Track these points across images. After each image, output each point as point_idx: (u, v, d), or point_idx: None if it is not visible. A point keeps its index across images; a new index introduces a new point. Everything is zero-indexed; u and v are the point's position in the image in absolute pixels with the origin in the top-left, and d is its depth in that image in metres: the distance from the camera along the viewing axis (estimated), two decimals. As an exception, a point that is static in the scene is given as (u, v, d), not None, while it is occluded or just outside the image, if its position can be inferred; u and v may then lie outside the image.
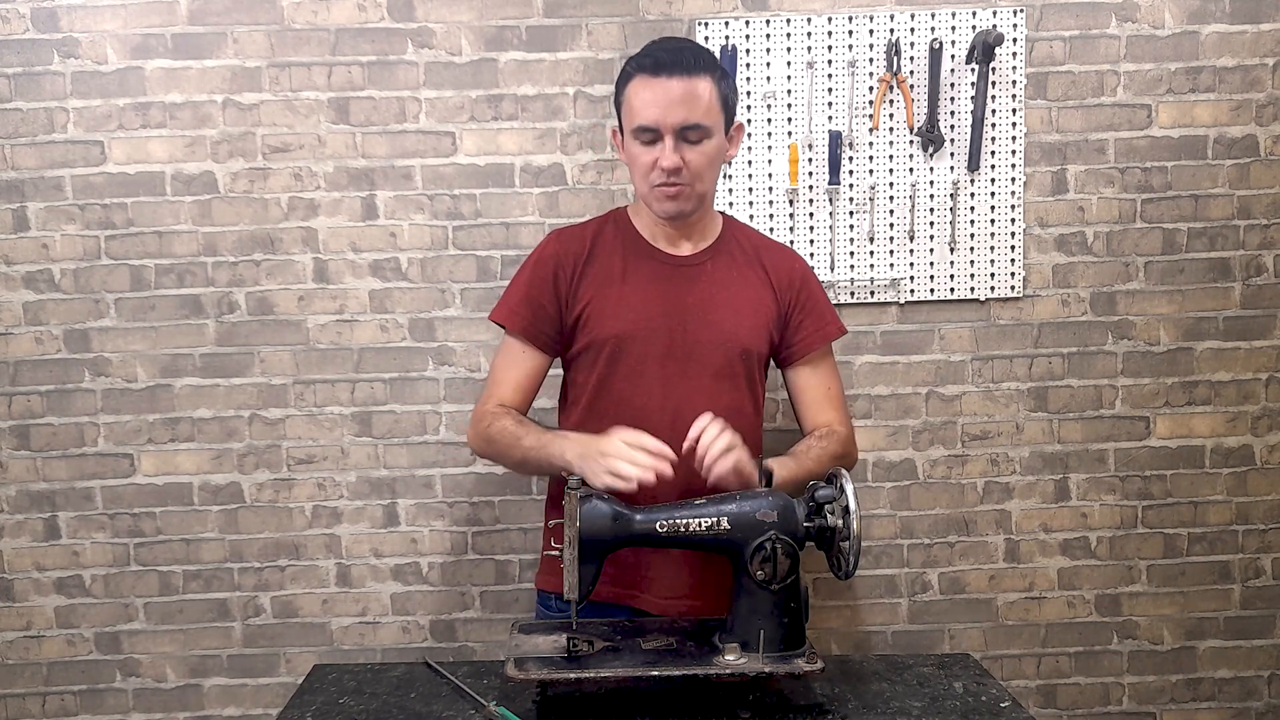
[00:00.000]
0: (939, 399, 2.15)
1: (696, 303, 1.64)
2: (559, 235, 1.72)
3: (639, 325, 1.63)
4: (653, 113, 1.54)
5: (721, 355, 1.64)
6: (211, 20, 2.03)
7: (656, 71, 1.55)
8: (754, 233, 1.78)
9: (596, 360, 1.65)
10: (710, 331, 1.63)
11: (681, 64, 1.55)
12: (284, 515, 2.13)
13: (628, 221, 1.71)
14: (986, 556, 2.18)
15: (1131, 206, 2.12)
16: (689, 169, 1.56)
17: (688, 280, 1.66)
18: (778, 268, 1.71)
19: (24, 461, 2.11)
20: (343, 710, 1.44)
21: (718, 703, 1.39)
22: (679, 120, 1.54)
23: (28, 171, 2.05)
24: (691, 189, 1.58)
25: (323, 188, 2.08)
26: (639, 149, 1.58)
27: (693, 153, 1.56)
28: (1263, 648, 2.21)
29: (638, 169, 1.60)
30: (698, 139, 1.56)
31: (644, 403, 1.62)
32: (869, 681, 1.50)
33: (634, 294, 1.64)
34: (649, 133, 1.55)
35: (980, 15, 2.04)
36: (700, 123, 1.55)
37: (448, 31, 2.05)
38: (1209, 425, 2.17)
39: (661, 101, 1.54)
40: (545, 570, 1.76)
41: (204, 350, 2.10)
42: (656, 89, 1.55)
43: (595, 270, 1.66)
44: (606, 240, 1.69)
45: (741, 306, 1.66)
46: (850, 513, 1.37)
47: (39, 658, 2.15)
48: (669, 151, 1.54)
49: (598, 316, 1.64)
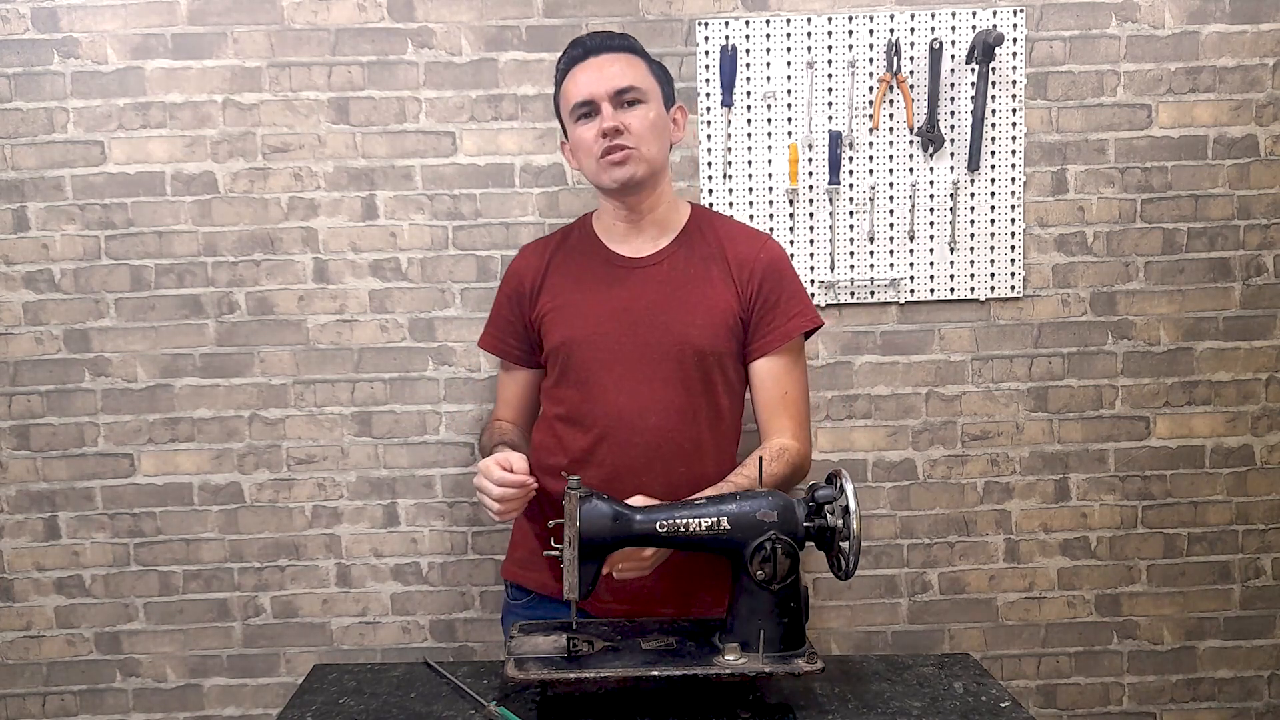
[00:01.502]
0: (939, 399, 2.15)
1: (647, 305, 1.62)
2: (524, 251, 1.78)
3: (586, 331, 1.62)
4: (585, 87, 1.58)
5: (672, 359, 1.60)
6: (211, 20, 2.03)
7: (585, 55, 1.61)
8: (725, 222, 1.73)
9: (554, 369, 1.67)
10: (660, 334, 1.60)
11: (608, 45, 1.61)
12: (284, 515, 2.13)
13: (589, 228, 1.73)
14: (986, 556, 2.18)
15: (1131, 206, 2.12)
16: (630, 132, 1.57)
17: (641, 282, 1.64)
18: (740, 261, 1.64)
19: (24, 461, 2.11)
20: (343, 710, 1.44)
21: (718, 703, 1.39)
22: (611, 87, 1.57)
23: (28, 171, 2.05)
24: (638, 151, 1.57)
25: (323, 188, 2.08)
26: (580, 130, 1.60)
27: (630, 116, 1.58)
28: (1263, 648, 2.21)
29: (583, 151, 1.61)
30: (633, 101, 1.58)
31: (591, 409, 1.62)
32: (869, 681, 1.50)
33: (585, 300, 1.65)
34: (586, 106, 1.58)
35: (980, 15, 2.04)
36: (633, 84, 1.58)
37: (448, 31, 2.05)
38: (1209, 425, 2.17)
39: (593, 77, 1.58)
40: (508, 559, 1.82)
41: (204, 350, 2.10)
42: (588, 69, 1.60)
43: (553, 281, 1.69)
44: (568, 249, 1.72)
45: (695, 306, 1.62)
46: (850, 513, 1.37)
47: (39, 658, 2.15)
48: (608, 115, 1.57)
49: (550, 325, 1.66)
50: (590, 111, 1.59)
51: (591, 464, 1.61)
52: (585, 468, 1.60)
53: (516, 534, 1.81)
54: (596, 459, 1.61)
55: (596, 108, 1.58)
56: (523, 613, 1.74)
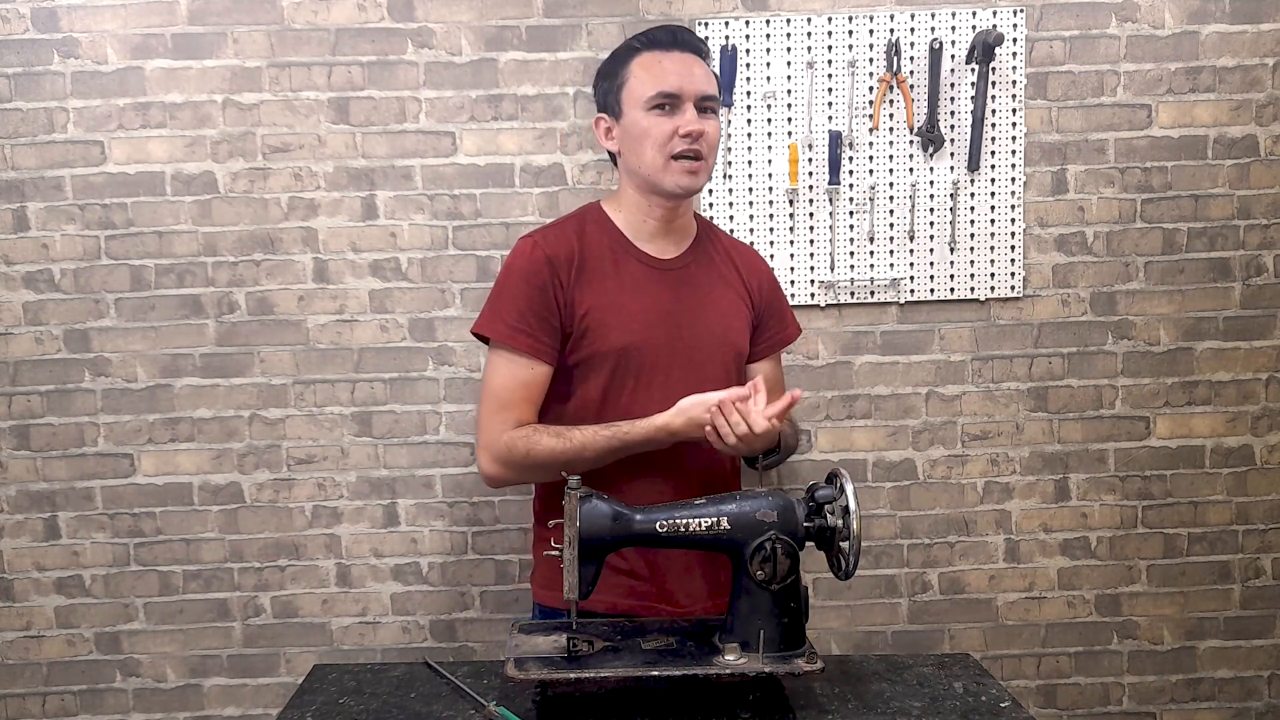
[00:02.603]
0: (939, 399, 2.15)
1: (688, 307, 1.61)
2: (543, 240, 1.58)
3: (642, 335, 1.57)
4: (675, 80, 1.51)
5: (719, 359, 1.62)
6: (211, 20, 2.03)
7: (669, 46, 1.54)
8: (721, 232, 1.76)
9: (599, 372, 1.58)
10: (705, 336, 1.61)
11: (697, 47, 1.57)
12: (284, 515, 2.13)
13: (607, 220, 1.62)
14: (986, 556, 2.18)
15: (1131, 206, 2.12)
16: (706, 141, 1.53)
17: (677, 284, 1.62)
18: (750, 269, 1.70)
19: (24, 461, 2.11)
20: (343, 710, 1.44)
21: (718, 703, 1.39)
22: (701, 90, 1.52)
23: (28, 171, 2.05)
24: (706, 164, 1.55)
25: (323, 188, 2.08)
26: (655, 119, 1.52)
27: (709, 125, 1.54)
28: (1263, 648, 2.21)
29: (652, 141, 1.52)
30: (711, 110, 1.55)
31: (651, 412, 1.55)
32: (869, 681, 1.50)
33: (632, 302, 1.58)
34: (671, 99, 1.51)
35: (980, 15, 2.04)
36: (716, 95, 1.56)
37: (448, 31, 2.05)
38: (1209, 425, 2.17)
39: (683, 71, 1.52)
40: (540, 583, 1.68)
41: (204, 350, 2.10)
42: (675, 60, 1.53)
43: (589, 276, 1.57)
44: (592, 242, 1.59)
45: (727, 308, 1.65)
46: (850, 513, 1.37)
47: (39, 658, 2.15)
48: (693, 116, 1.51)
49: (601, 328, 1.56)
50: (672, 106, 1.51)
51: (656, 469, 1.59)
52: (647, 473, 1.58)
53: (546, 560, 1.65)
54: (660, 463, 1.58)
55: (680, 104, 1.52)
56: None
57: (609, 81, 1.59)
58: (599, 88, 1.62)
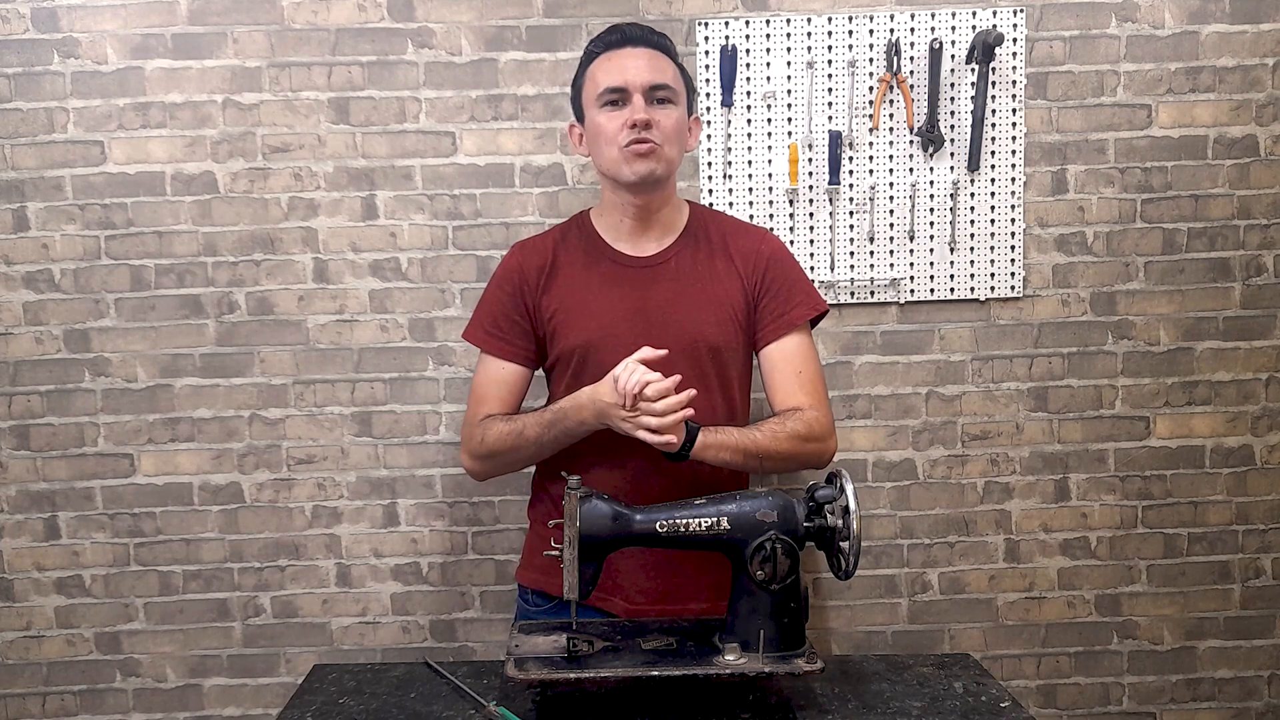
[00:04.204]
0: (939, 399, 2.15)
1: (659, 304, 1.61)
2: (521, 247, 1.71)
3: (601, 332, 1.60)
4: (619, 76, 1.55)
5: (688, 356, 1.59)
6: (211, 20, 2.03)
7: (623, 44, 1.58)
8: (724, 219, 1.73)
9: (566, 372, 1.64)
10: (674, 333, 1.59)
11: (646, 39, 1.59)
12: (284, 515, 2.13)
13: (590, 225, 1.69)
14: (986, 556, 2.18)
15: (1131, 206, 2.12)
16: (659, 128, 1.55)
17: (650, 281, 1.63)
18: (744, 253, 1.66)
19: (24, 461, 2.11)
20: (343, 710, 1.44)
21: (718, 703, 1.39)
22: (647, 81, 1.55)
23: (28, 171, 2.05)
24: (662, 150, 1.56)
25: (323, 188, 2.08)
26: (606, 116, 1.56)
27: (661, 113, 1.56)
28: (1263, 648, 2.21)
29: (605, 137, 1.56)
30: (664, 100, 1.56)
31: None
32: (869, 681, 1.50)
33: (596, 301, 1.62)
34: (617, 94, 1.55)
35: (980, 15, 2.04)
36: (669, 84, 1.57)
37: (448, 31, 2.05)
38: (1209, 425, 2.17)
39: (629, 66, 1.56)
40: (526, 566, 1.77)
41: (204, 350, 2.10)
42: (623, 57, 1.57)
43: (559, 280, 1.64)
44: (569, 247, 1.67)
45: (706, 303, 1.62)
46: (850, 513, 1.37)
47: (39, 658, 2.15)
48: (639, 106, 1.54)
49: (564, 328, 1.63)
50: (619, 100, 1.55)
51: (615, 466, 1.60)
52: (607, 470, 1.59)
53: (534, 540, 1.76)
54: (619, 460, 1.60)
55: (628, 97, 1.54)
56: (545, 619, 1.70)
57: (574, 89, 1.65)
58: (571, 98, 1.68)
